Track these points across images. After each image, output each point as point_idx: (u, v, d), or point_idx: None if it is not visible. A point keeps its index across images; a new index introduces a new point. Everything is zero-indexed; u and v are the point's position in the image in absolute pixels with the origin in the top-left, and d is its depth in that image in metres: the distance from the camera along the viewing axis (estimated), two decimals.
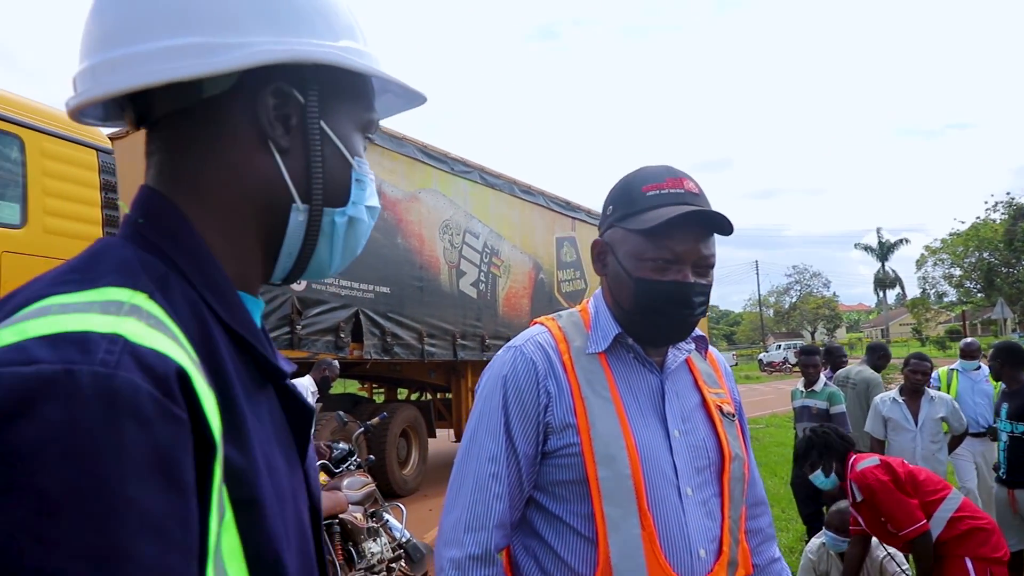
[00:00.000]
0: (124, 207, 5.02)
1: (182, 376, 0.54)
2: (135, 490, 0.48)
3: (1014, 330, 37.62)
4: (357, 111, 0.79)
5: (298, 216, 0.74)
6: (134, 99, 0.74)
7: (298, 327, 6.73)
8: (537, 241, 10.81)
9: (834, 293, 74.56)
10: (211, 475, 0.55)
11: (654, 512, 1.23)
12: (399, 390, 10.81)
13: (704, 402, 1.38)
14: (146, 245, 0.66)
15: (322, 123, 0.74)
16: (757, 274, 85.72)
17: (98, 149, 4.86)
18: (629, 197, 1.32)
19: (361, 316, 7.55)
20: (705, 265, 1.30)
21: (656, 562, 1.20)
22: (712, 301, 1.58)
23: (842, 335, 68.73)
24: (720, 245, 1.36)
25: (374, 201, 0.82)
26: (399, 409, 9.02)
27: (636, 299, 1.29)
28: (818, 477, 3.65)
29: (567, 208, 11.61)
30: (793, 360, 39.08)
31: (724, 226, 1.29)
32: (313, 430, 0.83)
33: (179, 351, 0.56)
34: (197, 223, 0.70)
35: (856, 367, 6.08)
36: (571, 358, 1.31)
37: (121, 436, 0.49)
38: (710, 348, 1.50)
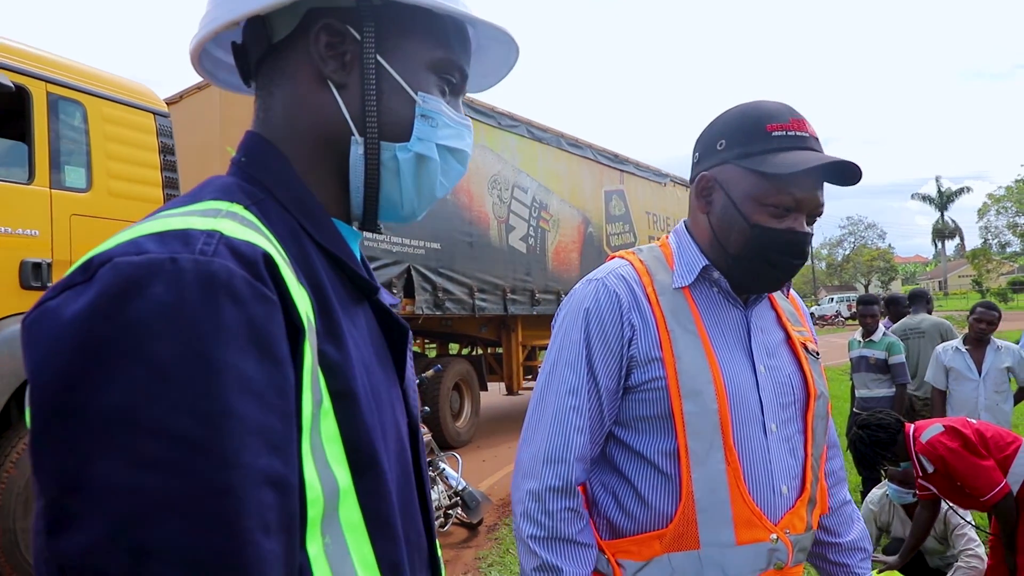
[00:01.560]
0: (180, 169, 5.14)
1: (269, 261, 0.60)
2: (234, 358, 0.54)
3: None
4: (424, 48, 0.78)
5: (357, 149, 0.77)
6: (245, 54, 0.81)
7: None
8: (586, 195, 10.72)
9: (889, 245, 72.39)
10: (301, 355, 0.60)
11: (739, 447, 1.21)
12: (450, 345, 10.97)
13: (789, 338, 1.36)
14: (246, 177, 0.74)
15: (379, 58, 0.76)
16: None
17: (155, 113, 4.97)
18: (750, 134, 1.24)
19: (412, 272, 7.65)
20: (817, 214, 1.27)
21: (740, 497, 1.19)
22: None
23: (897, 287, 66.81)
24: None
25: (456, 143, 0.81)
26: (451, 363, 9.17)
27: (749, 244, 1.24)
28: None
29: (615, 161, 11.46)
30: (846, 313, 38.28)
31: (856, 177, 1.23)
32: (407, 354, 0.85)
33: (269, 245, 0.62)
34: (290, 156, 0.76)
35: (915, 317, 5.91)
36: (655, 291, 1.28)
37: (219, 312, 0.54)
38: (791, 291, 1.47)
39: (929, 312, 6.09)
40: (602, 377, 1.24)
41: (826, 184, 1.26)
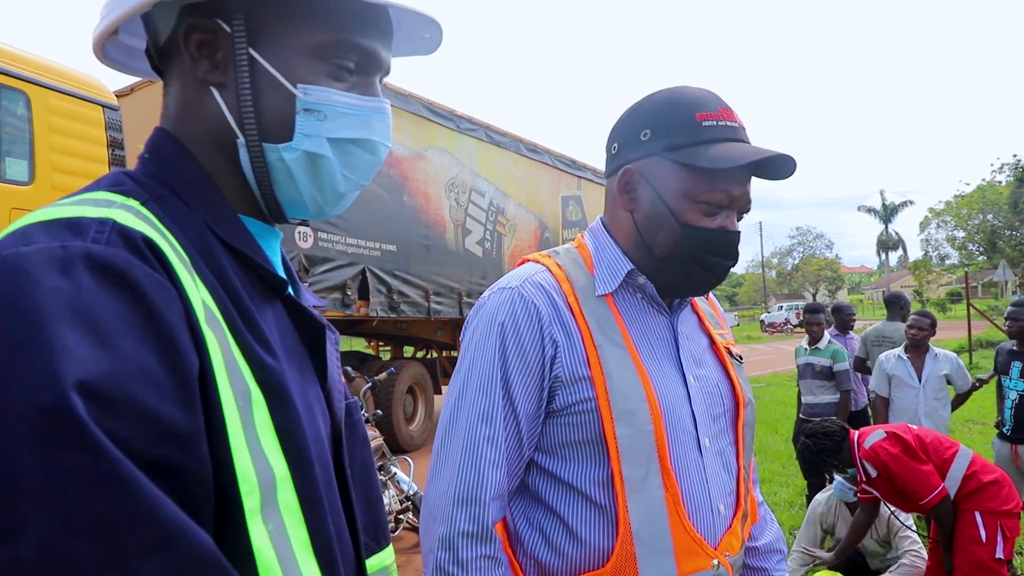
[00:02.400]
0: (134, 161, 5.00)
1: (153, 248, 0.60)
2: (132, 346, 0.54)
3: (1015, 292, 37.59)
4: (305, 33, 0.72)
5: (244, 151, 0.73)
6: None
7: (305, 284, 6.72)
8: (543, 200, 10.77)
9: (836, 255, 74.45)
10: (203, 343, 0.60)
11: (676, 469, 1.11)
12: (405, 348, 10.89)
13: (713, 344, 1.28)
14: (149, 174, 0.72)
15: (251, 51, 0.71)
16: (760, 235, 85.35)
17: (104, 105, 4.83)
18: (678, 123, 1.12)
19: (368, 274, 7.57)
20: (746, 211, 1.18)
21: (680, 524, 1.09)
22: None
23: (844, 297, 68.76)
24: None
25: (357, 132, 0.75)
26: (406, 366, 9.10)
27: (679, 245, 1.13)
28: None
29: (573, 167, 11.54)
30: (795, 321, 39.21)
31: (791, 170, 1.15)
32: (333, 355, 0.84)
33: (162, 239, 0.61)
34: (195, 154, 0.74)
35: (890, 325, 5.86)
36: (578, 300, 1.15)
37: (116, 301, 0.54)
38: None
39: (904, 319, 6.09)
40: (520, 401, 1.10)
41: (778, 195, 1.23)
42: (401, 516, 4.94)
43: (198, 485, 0.56)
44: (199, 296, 0.62)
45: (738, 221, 1.18)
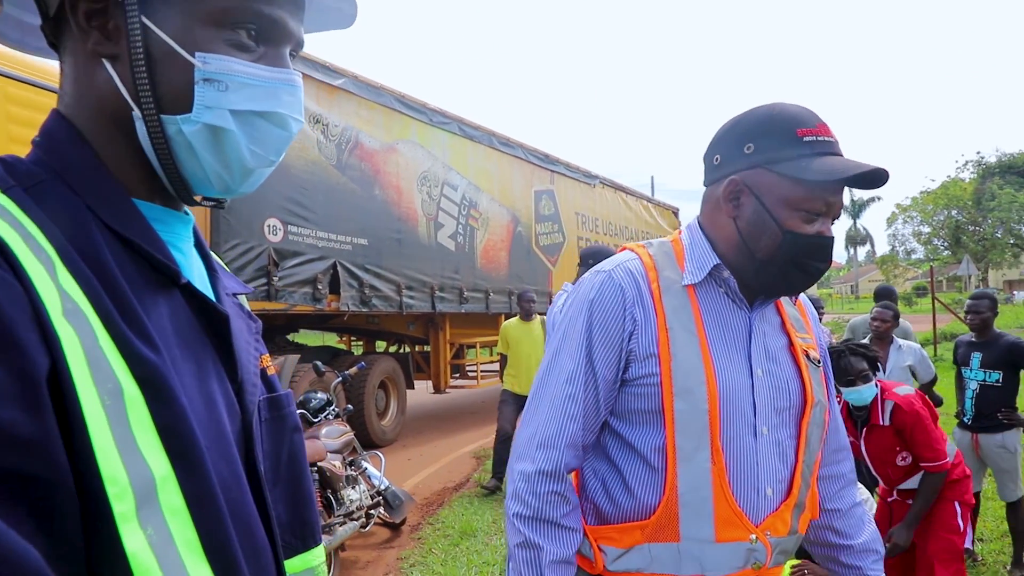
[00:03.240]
0: None
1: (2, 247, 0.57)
2: None
3: (977, 286, 38.47)
4: (197, 0, 0.69)
5: (141, 126, 0.70)
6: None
7: (275, 279, 6.66)
8: (515, 194, 10.76)
9: None
10: (55, 340, 0.56)
11: (726, 448, 1.23)
12: (377, 342, 10.83)
13: (791, 345, 1.37)
14: (35, 158, 0.69)
15: (144, 19, 0.68)
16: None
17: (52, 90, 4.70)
18: (781, 139, 1.24)
19: (339, 268, 7.50)
20: (837, 217, 1.29)
21: (723, 496, 1.22)
22: None
23: (813, 291, 69.72)
24: (695, 201, 1.34)
25: (263, 104, 0.72)
26: (377, 360, 9.05)
27: (780, 249, 1.24)
28: (865, 391, 3.43)
29: (546, 161, 11.54)
30: None
31: (884, 182, 1.23)
32: (250, 346, 0.81)
33: (10, 231, 0.59)
34: (88, 136, 0.70)
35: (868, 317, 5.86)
36: (659, 287, 1.29)
37: None
38: (801, 296, 1.47)
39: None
40: (600, 367, 1.26)
41: None
42: (372, 511, 4.90)
43: (53, 491, 0.54)
44: (56, 290, 0.58)
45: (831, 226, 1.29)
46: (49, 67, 4.68)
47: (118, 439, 0.58)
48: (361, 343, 11.12)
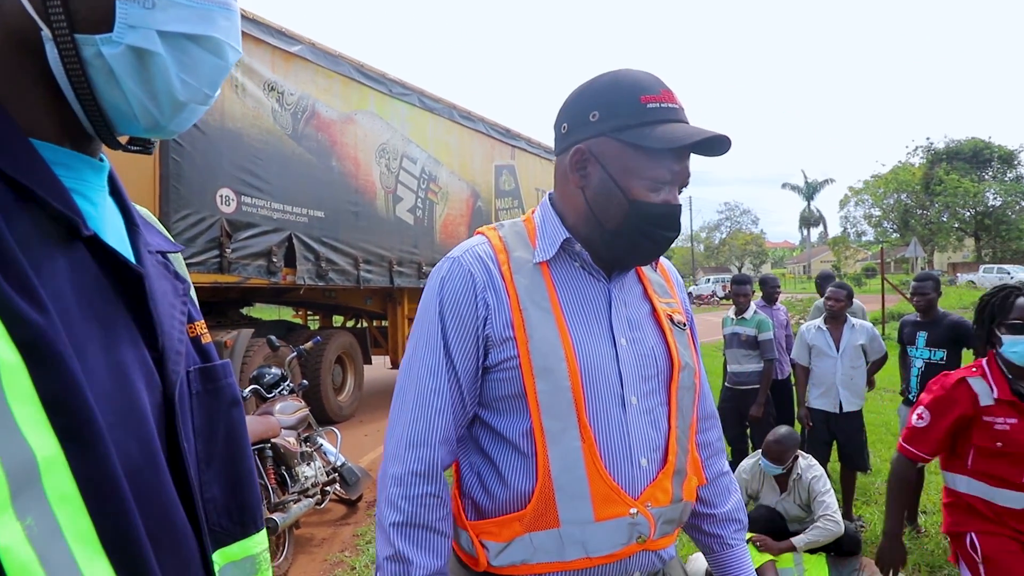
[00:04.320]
0: None
1: None
2: None
3: (923, 268, 39.68)
4: None
5: (52, 49, 0.61)
6: None
7: (228, 250, 6.47)
8: (475, 168, 10.65)
9: (762, 230, 76.90)
10: None
11: (594, 423, 1.20)
12: (334, 317, 10.69)
13: (654, 311, 1.35)
14: None
15: None
16: (690, 210, 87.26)
17: None
18: (624, 105, 1.21)
19: (294, 240, 7.33)
20: (685, 185, 1.27)
21: (596, 473, 1.18)
22: None
23: (767, 270, 71.17)
24: None
25: (195, 27, 0.64)
26: (334, 335, 8.92)
27: (628, 219, 1.22)
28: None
29: (507, 136, 11.44)
30: (721, 293, 40.39)
31: (726, 148, 1.23)
32: (175, 309, 0.73)
33: None
34: None
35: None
36: (510, 269, 1.25)
37: None
38: (662, 260, 1.46)
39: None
40: (458, 358, 1.22)
41: (709, 171, 1.28)
42: (328, 488, 4.84)
43: None
44: None
45: (679, 195, 1.26)
46: None
47: None
48: (317, 318, 10.94)
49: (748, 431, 5.73)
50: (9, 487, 0.50)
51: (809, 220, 67.00)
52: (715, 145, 1.21)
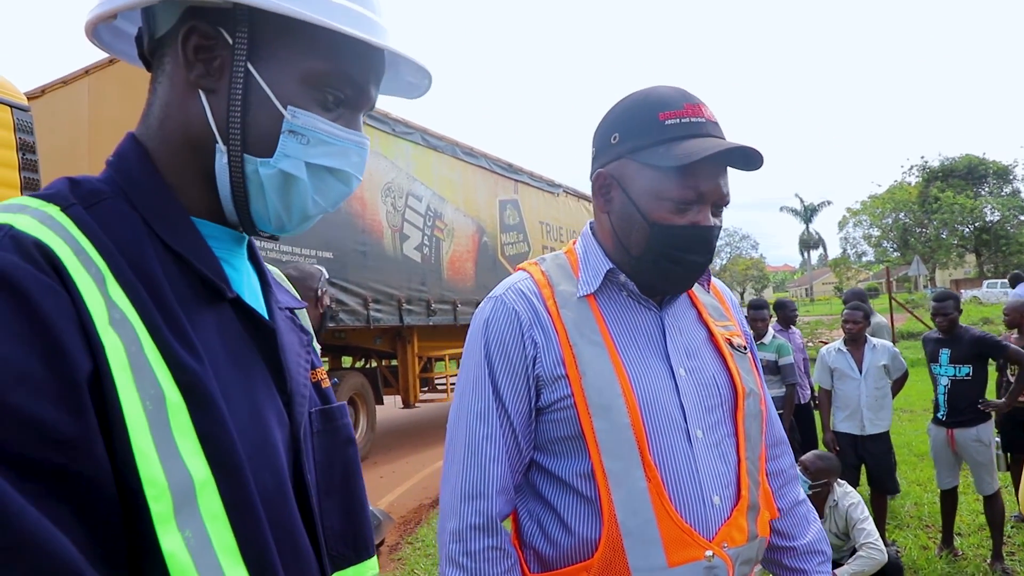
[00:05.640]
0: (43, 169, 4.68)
1: (45, 252, 0.60)
2: (9, 350, 0.54)
3: (926, 286, 39.68)
4: (304, 59, 0.74)
5: (221, 158, 0.74)
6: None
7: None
8: (480, 204, 10.68)
9: (761, 255, 77.09)
10: (100, 347, 0.59)
11: (659, 461, 1.12)
12: (343, 358, 10.61)
13: (711, 336, 1.27)
14: (105, 176, 0.74)
15: (249, 66, 0.73)
16: None
17: (12, 106, 4.48)
18: (642, 125, 1.16)
19: None
20: (723, 204, 1.19)
21: (666, 515, 1.10)
22: None
23: (769, 295, 71.15)
24: None
25: (334, 161, 0.77)
26: (345, 376, 8.84)
27: (650, 245, 1.16)
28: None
29: (510, 170, 11.49)
30: None
31: (758, 162, 1.15)
32: (300, 358, 0.83)
33: (62, 244, 0.62)
34: (156, 158, 0.75)
35: None
36: (556, 303, 1.19)
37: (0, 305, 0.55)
38: (713, 280, 1.40)
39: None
40: (510, 401, 1.16)
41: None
42: None
43: (94, 489, 0.57)
44: (103, 300, 0.62)
45: (716, 215, 1.19)
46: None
47: (158, 443, 0.60)
48: (327, 359, 10.88)
49: None
50: (174, 504, 0.60)
51: (809, 243, 67.17)
52: (742, 159, 1.14)
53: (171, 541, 0.59)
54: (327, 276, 3.08)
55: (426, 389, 10.98)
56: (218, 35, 0.72)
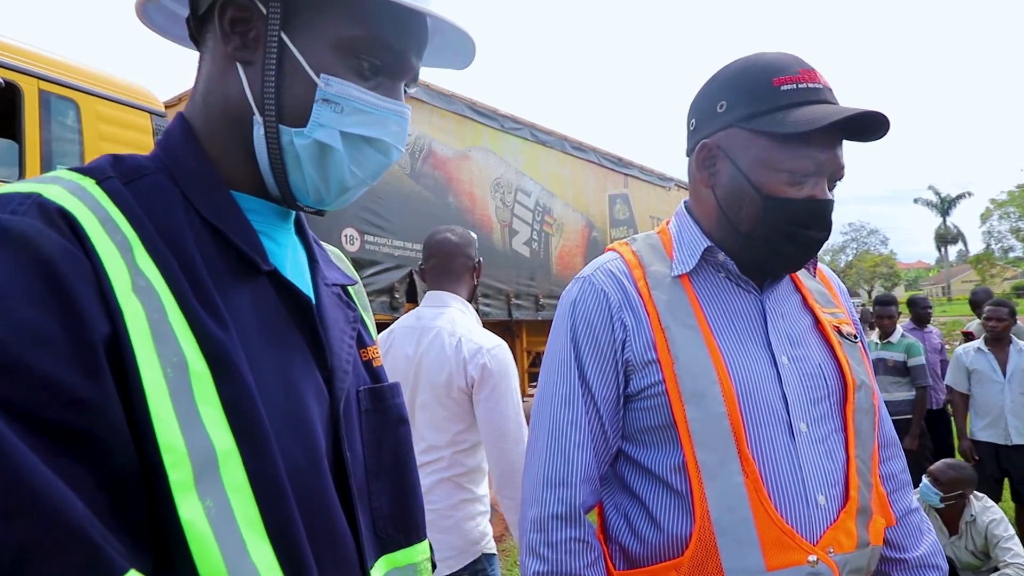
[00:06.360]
0: None
1: (68, 218, 0.61)
2: (28, 311, 0.55)
3: None
4: (339, 26, 0.73)
5: (258, 130, 0.74)
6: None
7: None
8: (589, 199, 10.59)
9: (892, 251, 72.33)
10: (119, 312, 0.60)
11: (757, 455, 1.05)
12: None
13: (818, 323, 1.19)
14: (153, 153, 0.75)
15: (283, 35, 0.73)
16: None
17: (152, 112, 4.85)
18: (755, 91, 1.08)
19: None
20: (838, 178, 1.11)
21: (765, 513, 1.02)
22: None
23: (900, 293, 66.72)
24: None
25: (371, 131, 0.75)
26: None
27: (763, 219, 1.08)
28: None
29: (619, 164, 11.33)
30: None
31: (884, 129, 1.06)
32: (345, 335, 0.82)
33: (87, 212, 0.63)
34: (200, 134, 0.76)
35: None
36: (647, 284, 1.14)
37: (16, 266, 0.56)
38: (820, 265, 1.29)
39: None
40: (597, 386, 1.11)
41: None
42: None
43: (113, 452, 0.57)
44: (126, 268, 0.62)
45: (831, 189, 1.11)
46: (136, 87, 4.82)
47: (179, 410, 0.60)
48: None
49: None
50: (194, 472, 0.59)
51: (946, 237, 62.49)
52: (867, 126, 1.05)
53: (190, 510, 0.59)
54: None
55: (534, 384, 11.01)
56: (253, 6, 0.73)
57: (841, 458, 1.10)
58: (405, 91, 0.83)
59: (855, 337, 1.22)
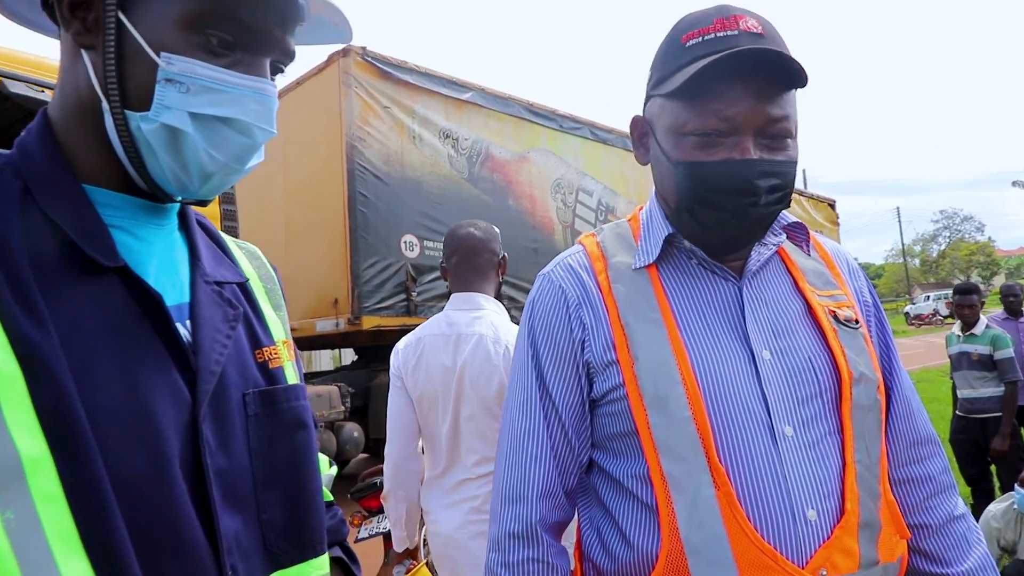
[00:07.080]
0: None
1: None
2: None
3: None
4: (176, 2, 0.70)
5: (108, 118, 0.71)
6: None
7: (414, 294, 6.78)
8: None
9: (989, 237, 68.21)
10: None
11: (730, 464, 0.93)
12: None
13: (810, 309, 1.04)
14: (9, 152, 0.73)
15: (120, 16, 0.70)
16: (899, 222, 79.72)
17: None
18: (667, 54, 0.99)
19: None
20: (775, 133, 0.94)
21: (740, 531, 0.90)
22: (852, 253, 1.19)
23: (999, 282, 62.80)
24: (856, 195, 1.03)
25: (225, 110, 0.71)
26: None
27: (679, 190, 0.98)
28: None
29: None
30: (944, 312, 36.05)
31: (791, 70, 0.92)
32: (221, 334, 0.77)
33: None
34: (57, 128, 0.74)
35: None
36: (608, 278, 1.04)
37: None
38: (820, 238, 1.15)
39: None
40: (557, 391, 1.02)
41: (916, 178, 0.97)
42: None
43: None
44: None
45: (770, 148, 0.95)
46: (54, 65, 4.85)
47: None
48: None
49: (993, 468, 4.88)
50: None
51: None
52: (775, 66, 0.91)
53: None
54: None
55: None
56: None
57: (837, 465, 0.96)
58: (281, 69, 0.79)
59: (856, 323, 1.06)
